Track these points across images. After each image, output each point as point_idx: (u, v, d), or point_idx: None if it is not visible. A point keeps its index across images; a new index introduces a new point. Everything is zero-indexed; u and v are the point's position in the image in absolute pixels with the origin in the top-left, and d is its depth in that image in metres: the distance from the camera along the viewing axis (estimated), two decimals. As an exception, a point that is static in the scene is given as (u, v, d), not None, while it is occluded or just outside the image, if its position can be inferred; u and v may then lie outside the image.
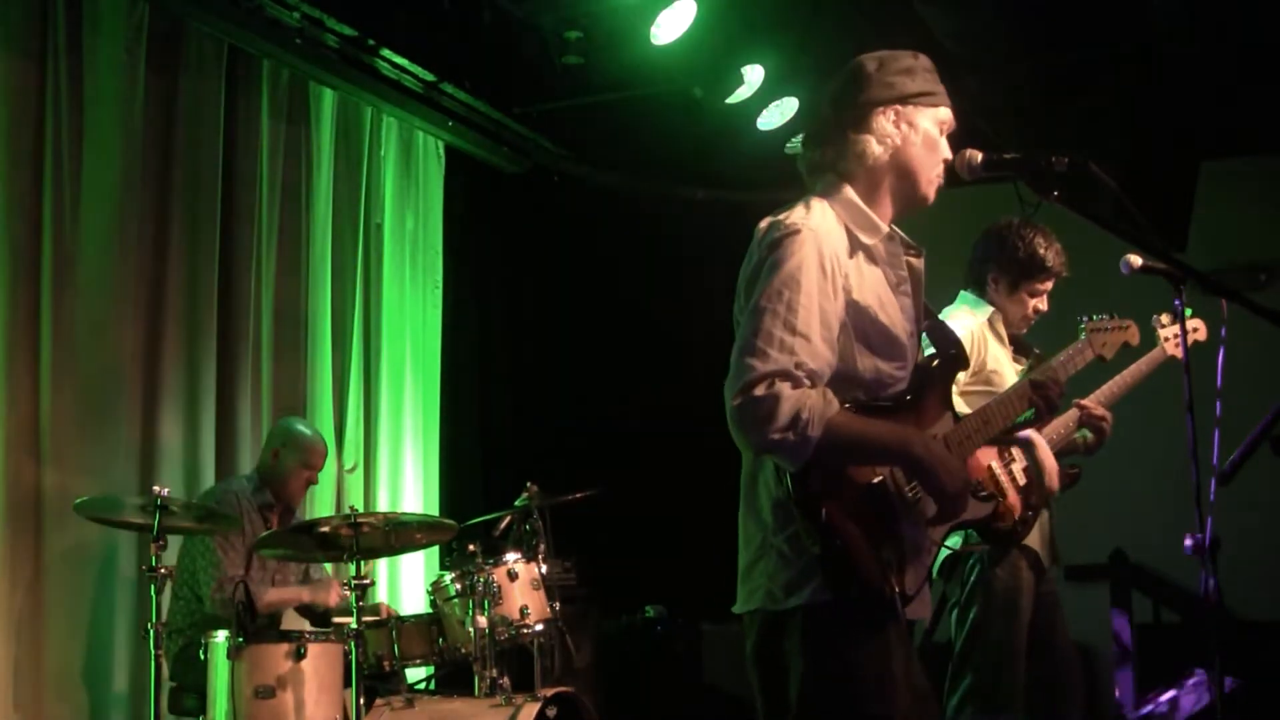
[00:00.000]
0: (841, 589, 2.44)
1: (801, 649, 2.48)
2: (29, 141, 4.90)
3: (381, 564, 6.25)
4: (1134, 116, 5.99)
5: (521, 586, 4.92)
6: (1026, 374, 3.84)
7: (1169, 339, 4.08)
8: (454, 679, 5.30)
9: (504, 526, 5.37)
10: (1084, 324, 3.91)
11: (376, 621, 4.93)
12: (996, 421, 2.82)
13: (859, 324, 2.55)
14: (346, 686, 4.34)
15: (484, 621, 4.75)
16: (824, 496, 2.44)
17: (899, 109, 2.64)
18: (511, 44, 6.08)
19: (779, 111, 6.35)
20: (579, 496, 5.53)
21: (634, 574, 7.00)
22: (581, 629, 6.16)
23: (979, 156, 2.70)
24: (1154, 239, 2.98)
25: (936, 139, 2.68)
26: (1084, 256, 4.15)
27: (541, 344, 7.69)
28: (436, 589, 4.98)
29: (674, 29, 5.64)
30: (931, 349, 2.78)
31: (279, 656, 4.23)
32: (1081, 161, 2.66)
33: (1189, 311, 3.88)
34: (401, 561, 6.46)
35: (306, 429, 5.25)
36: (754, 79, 6.09)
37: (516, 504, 5.31)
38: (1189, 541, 2.89)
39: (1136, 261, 3.15)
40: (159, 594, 4.10)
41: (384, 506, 6.43)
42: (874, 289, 2.59)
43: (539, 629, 4.95)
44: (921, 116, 2.66)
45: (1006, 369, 3.98)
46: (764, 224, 2.61)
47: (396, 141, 6.76)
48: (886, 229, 2.65)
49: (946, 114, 2.71)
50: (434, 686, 5.49)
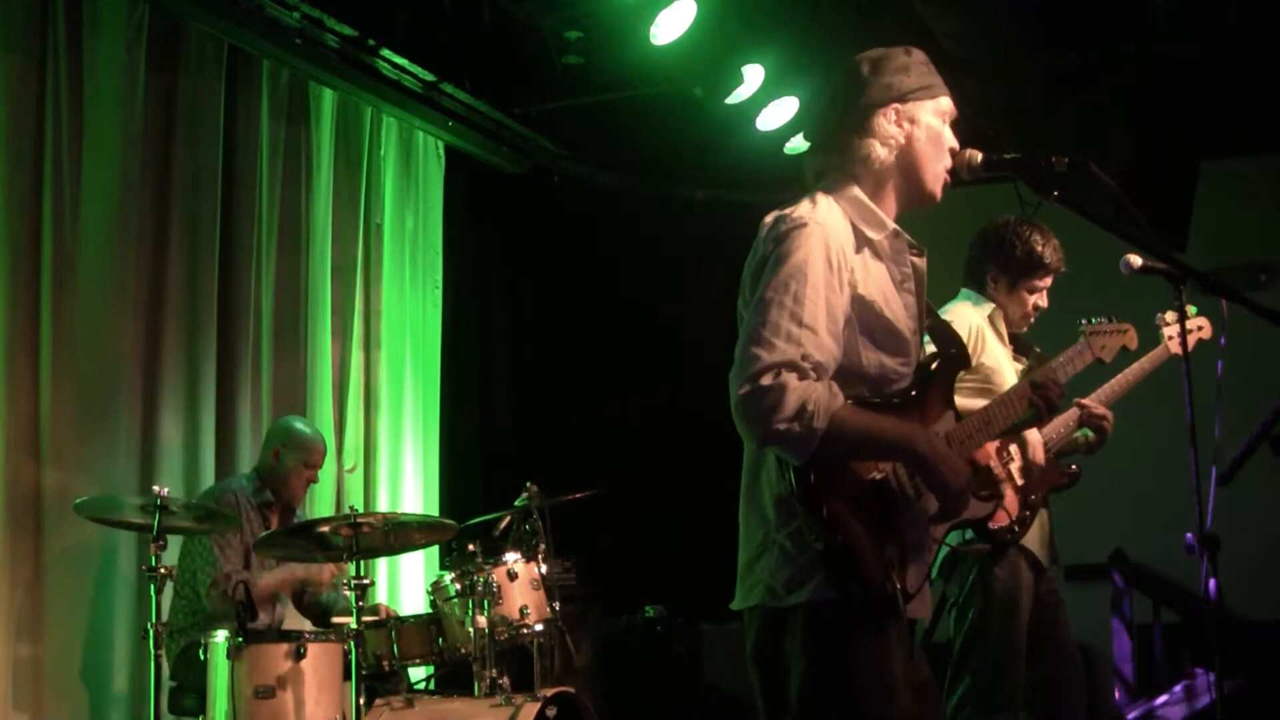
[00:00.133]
0: (844, 585, 2.43)
1: (803, 648, 2.48)
2: (29, 141, 4.90)
3: (381, 564, 6.25)
4: (1134, 116, 5.98)
5: (521, 586, 4.92)
6: (1026, 375, 3.85)
7: (1173, 337, 4.07)
8: (454, 679, 5.29)
9: (504, 526, 5.36)
10: (1083, 326, 3.91)
11: (376, 622, 4.93)
12: (998, 422, 2.82)
13: (864, 319, 2.55)
14: (347, 686, 4.33)
15: (484, 621, 4.75)
16: (827, 491, 2.44)
17: (899, 107, 2.64)
18: (511, 44, 6.09)
19: (779, 111, 6.35)
20: (579, 496, 5.53)
21: (634, 574, 7.00)
22: (581, 629, 6.16)
23: (979, 156, 2.70)
24: (1154, 239, 2.99)
25: (939, 130, 2.68)
26: (1084, 256, 4.15)
27: (541, 344, 7.68)
28: (436, 589, 4.98)
29: (674, 29, 5.64)
30: (933, 348, 2.78)
31: (279, 656, 4.23)
32: (1081, 161, 2.66)
33: (1194, 310, 3.89)
34: (401, 561, 6.47)
35: (306, 428, 5.25)
36: (754, 79, 6.09)
37: (516, 504, 5.31)
38: (1189, 539, 2.90)
39: (1136, 261, 3.15)
40: (159, 594, 4.10)
41: (384, 506, 6.42)
42: (879, 284, 2.59)
43: (539, 629, 4.95)
44: (922, 111, 2.66)
45: (1005, 366, 3.98)
46: (769, 218, 2.61)
47: (396, 141, 6.76)
48: (892, 226, 2.65)
49: (947, 103, 2.71)
50: (434, 686, 5.48)
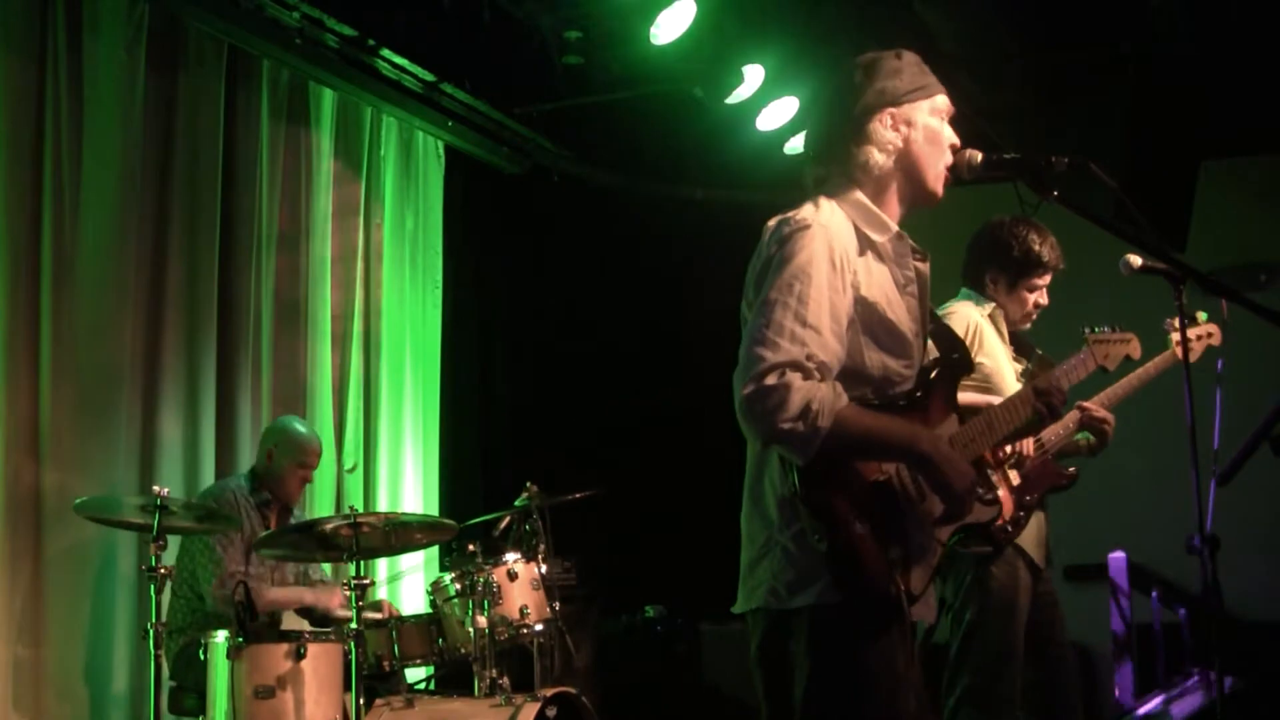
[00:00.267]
0: (848, 586, 2.43)
1: (807, 650, 2.48)
2: (29, 141, 4.90)
3: (381, 564, 6.25)
4: (1134, 116, 5.99)
5: (521, 586, 4.92)
6: (1029, 379, 3.85)
7: (1180, 342, 4.07)
8: (454, 679, 5.29)
9: (504, 526, 5.36)
10: (1086, 335, 3.91)
11: (377, 621, 4.93)
12: (1001, 426, 2.82)
13: (867, 320, 2.55)
14: (346, 687, 4.33)
15: (484, 621, 4.75)
16: (831, 492, 2.44)
17: (894, 111, 2.64)
18: (511, 44, 6.08)
19: (779, 111, 6.35)
20: (579, 496, 5.53)
21: (634, 574, 7.00)
22: (581, 629, 6.15)
23: (979, 156, 2.70)
24: (1154, 239, 2.98)
25: (937, 129, 2.68)
26: (1084, 256, 4.15)
27: (541, 344, 7.68)
28: (436, 589, 4.98)
29: (674, 29, 5.64)
30: (936, 353, 2.78)
31: (279, 656, 4.23)
32: (1081, 161, 2.66)
33: (1204, 316, 3.90)
34: (401, 561, 6.46)
35: (300, 427, 5.25)
36: (754, 79, 6.09)
37: (516, 504, 5.31)
38: (1190, 539, 2.89)
39: (1136, 261, 3.15)
40: (159, 594, 4.10)
41: (384, 506, 6.42)
42: (882, 286, 2.60)
43: (539, 629, 4.95)
44: (918, 112, 2.66)
45: (1004, 365, 3.97)
46: (773, 222, 2.61)
47: (396, 141, 6.75)
48: (895, 228, 2.65)
49: (944, 101, 2.71)
50: (434, 686, 5.49)
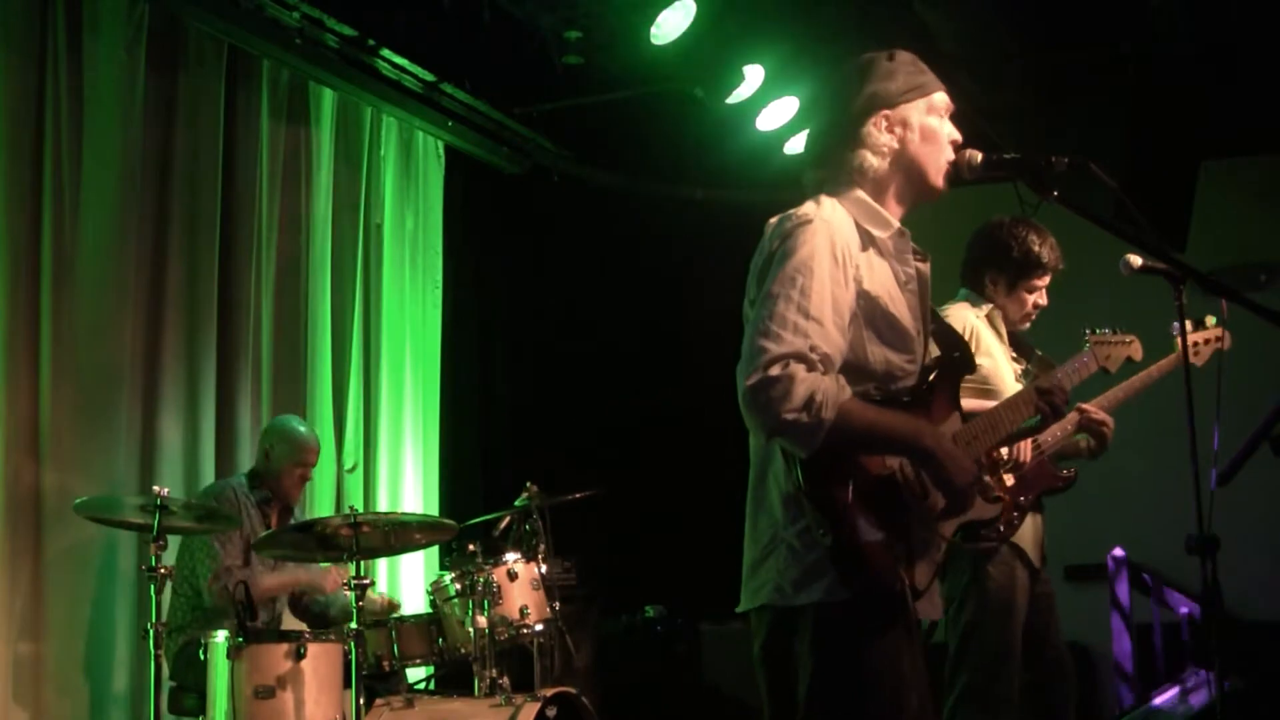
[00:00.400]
0: (853, 581, 2.44)
1: (812, 648, 2.48)
2: (29, 141, 4.90)
3: (381, 564, 6.25)
4: (1134, 116, 5.99)
5: (521, 586, 4.92)
6: (1030, 379, 3.85)
7: (1182, 343, 4.06)
8: (454, 679, 5.29)
9: (504, 526, 5.36)
10: (1088, 336, 3.90)
11: (376, 621, 4.93)
12: (1003, 425, 2.83)
13: (869, 314, 2.56)
14: (346, 686, 4.33)
15: (484, 621, 4.75)
16: (835, 487, 2.44)
17: (887, 114, 2.64)
18: (511, 44, 6.08)
19: (779, 111, 6.35)
20: (579, 496, 5.53)
21: (634, 574, 7.00)
22: (581, 629, 6.15)
23: (979, 156, 2.69)
24: (1154, 239, 2.98)
25: (934, 128, 2.67)
26: (1084, 256, 4.14)
27: (541, 344, 7.68)
28: (436, 589, 4.98)
29: (674, 29, 5.64)
30: (938, 352, 2.78)
31: (279, 656, 4.23)
32: (1081, 161, 2.65)
33: (1213, 320, 3.90)
34: (401, 561, 6.46)
35: (298, 426, 5.24)
36: (754, 79, 6.09)
37: (516, 504, 5.31)
38: (1190, 538, 2.89)
39: (1136, 261, 3.14)
40: (159, 594, 4.10)
41: (384, 506, 6.42)
42: (884, 282, 2.60)
43: (539, 629, 4.95)
44: (912, 112, 2.66)
45: (1002, 365, 3.97)
46: (774, 219, 2.62)
47: (396, 141, 6.76)
48: (897, 225, 2.66)
49: (941, 98, 2.70)
50: (434, 686, 5.49)
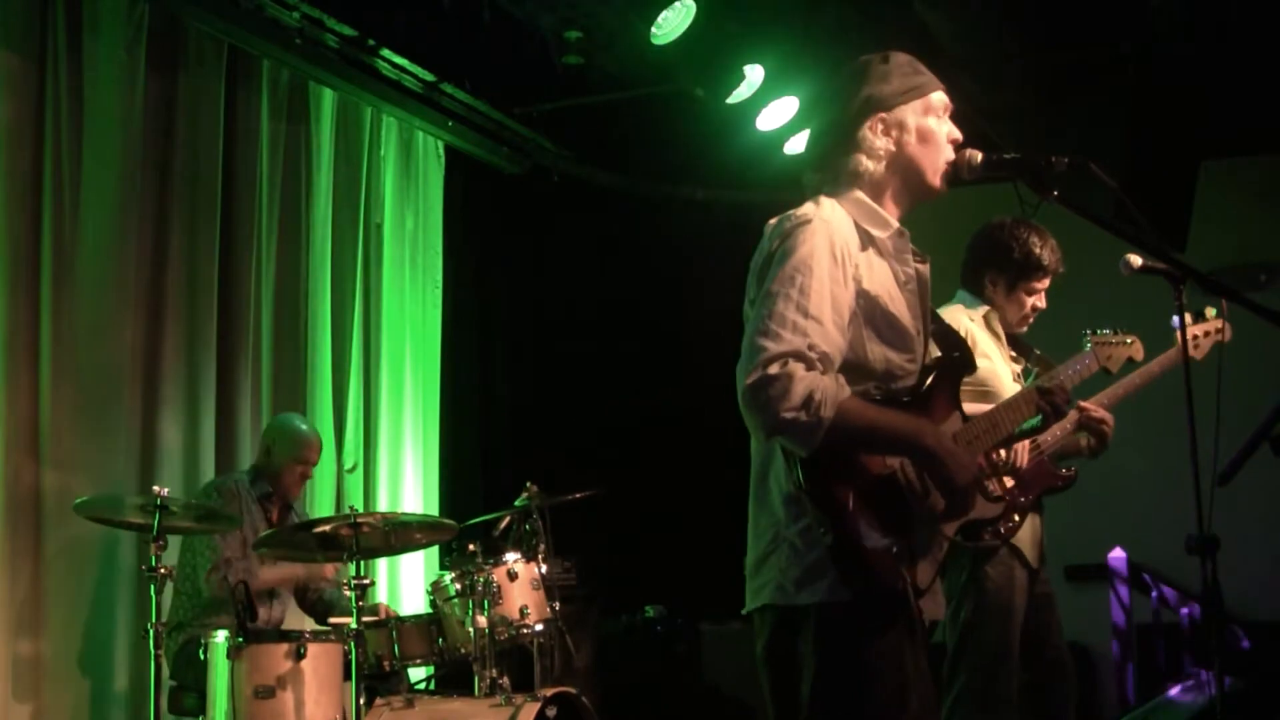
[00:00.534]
0: (854, 580, 2.44)
1: (814, 647, 2.48)
2: (29, 141, 4.90)
3: (381, 564, 6.25)
4: (1134, 116, 5.99)
5: (521, 586, 4.92)
6: (1031, 380, 3.84)
7: (1182, 342, 4.06)
8: (454, 679, 5.29)
9: (504, 526, 5.36)
10: (1089, 337, 3.90)
11: (376, 622, 4.93)
12: (1004, 425, 2.83)
13: (869, 313, 2.56)
14: (347, 685, 4.33)
15: (484, 621, 4.75)
16: (836, 485, 2.45)
17: (883, 117, 2.64)
18: (511, 44, 6.08)
19: (779, 111, 6.34)
20: (579, 496, 5.53)
21: (634, 574, 7.00)
22: (581, 629, 6.15)
23: (979, 157, 2.69)
24: (1154, 239, 2.98)
25: (931, 129, 2.67)
26: (1084, 256, 4.14)
27: (541, 344, 7.69)
28: (436, 589, 4.98)
29: (674, 29, 5.63)
30: (938, 353, 2.78)
31: (279, 656, 4.23)
32: (1081, 161, 2.65)
33: (1214, 312, 3.90)
34: (401, 561, 6.46)
35: (300, 423, 5.25)
36: (754, 79, 6.08)
37: (516, 504, 5.31)
38: (1190, 538, 2.89)
39: (1136, 261, 3.14)
40: (159, 594, 4.10)
41: (384, 506, 6.42)
42: (883, 281, 2.60)
43: (539, 629, 4.95)
44: (909, 114, 2.66)
45: (1000, 367, 3.97)
46: (774, 220, 2.63)
47: (396, 141, 6.76)
48: (896, 225, 2.66)
49: (939, 98, 2.70)
50: (434, 686, 5.49)
